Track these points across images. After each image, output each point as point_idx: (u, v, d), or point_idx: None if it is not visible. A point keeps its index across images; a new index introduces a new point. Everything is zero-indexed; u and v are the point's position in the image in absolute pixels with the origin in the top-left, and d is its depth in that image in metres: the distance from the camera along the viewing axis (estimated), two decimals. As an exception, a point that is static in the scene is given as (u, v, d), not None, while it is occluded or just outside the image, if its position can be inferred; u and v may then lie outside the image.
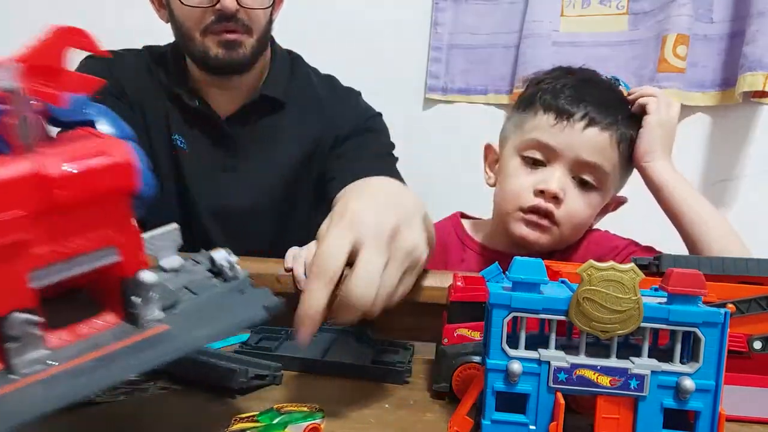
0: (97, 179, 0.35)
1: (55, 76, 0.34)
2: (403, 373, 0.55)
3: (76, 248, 0.36)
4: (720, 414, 0.40)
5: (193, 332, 0.38)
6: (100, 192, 0.35)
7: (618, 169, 0.84)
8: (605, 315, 0.40)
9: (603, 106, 0.81)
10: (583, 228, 0.87)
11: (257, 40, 0.95)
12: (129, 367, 0.35)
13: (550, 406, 0.41)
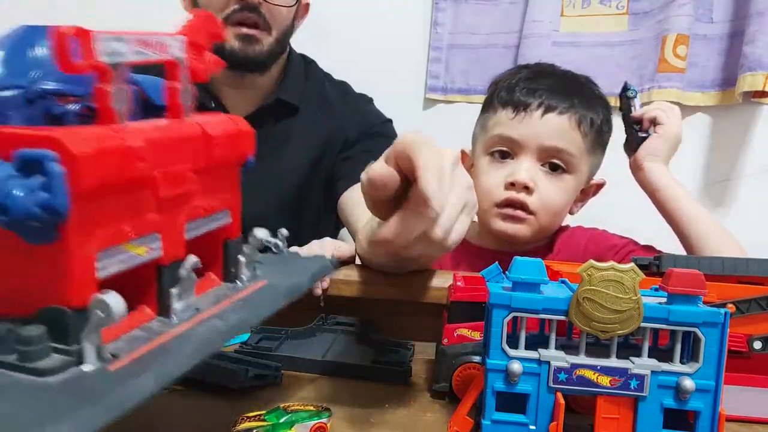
0: (235, 143, 0.40)
1: (199, 54, 0.38)
2: (403, 373, 0.55)
3: (211, 207, 0.39)
4: (720, 414, 0.40)
5: (286, 282, 0.41)
6: (234, 155, 0.40)
7: (585, 150, 0.84)
8: (605, 315, 0.40)
9: (558, 93, 0.83)
10: (562, 213, 0.88)
11: (276, 40, 0.95)
12: (262, 308, 0.38)
13: (550, 406, 0.41)
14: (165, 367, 0.31)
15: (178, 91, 0.37)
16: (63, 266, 0.29)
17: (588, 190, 0.91)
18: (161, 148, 0.33)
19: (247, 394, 0.50)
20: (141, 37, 0.33)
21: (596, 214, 0.95)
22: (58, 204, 0.27)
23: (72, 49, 0.29)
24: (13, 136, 0.28)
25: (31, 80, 0.32)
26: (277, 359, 0.56)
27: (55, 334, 0.29)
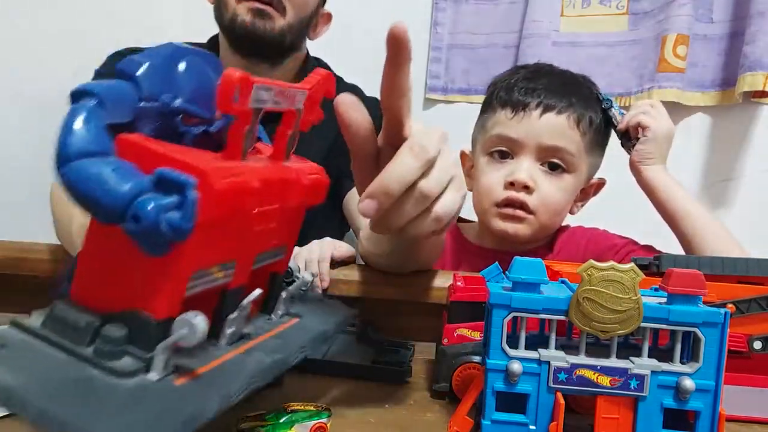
0: (315, 191, 0.42)
1: (311, 110, 0.41)
2: (403, 373, 0.55)
3: (276, 242, 0.41)
4: (720, 414, 0.40)
5: (317, 322, 0.44)
6: (312, 202, 0.42)
7: (584, 150, 0.84)
8: (605, 315, 0.40)
9: (556, 92, 0.83)
10: (562, 213, 0.88)
11: (288, 25, 0.95)
12: (299, 345, 0.40)
13: (550, 406, 0.41)
14: (225, 391, 0.33)
15: (288, 138, 0.40)
16: (163, 280, 0.31)
17: (588, 189, 0.91)
18: (266, 189, 0.36)
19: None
20: (281, 89, 0.36)
21: (596, 213, 0.95)
22: (185, 226, 0.29)
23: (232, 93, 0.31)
24: (163, 156, 0.31)
25: (169, 98, 0.34)
26: (277, 359, 0.56)
27: (133, 338, 0.31)
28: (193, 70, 0.36)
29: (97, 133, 0.30)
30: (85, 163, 0.29)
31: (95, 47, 1.39)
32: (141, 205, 0.29)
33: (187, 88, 0.35)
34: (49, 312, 0.31)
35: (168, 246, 0.30)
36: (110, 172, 0.29)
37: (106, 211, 0.29)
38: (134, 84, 0.33)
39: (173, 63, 0.35)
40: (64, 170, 0.29)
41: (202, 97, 0.36)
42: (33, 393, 0.28)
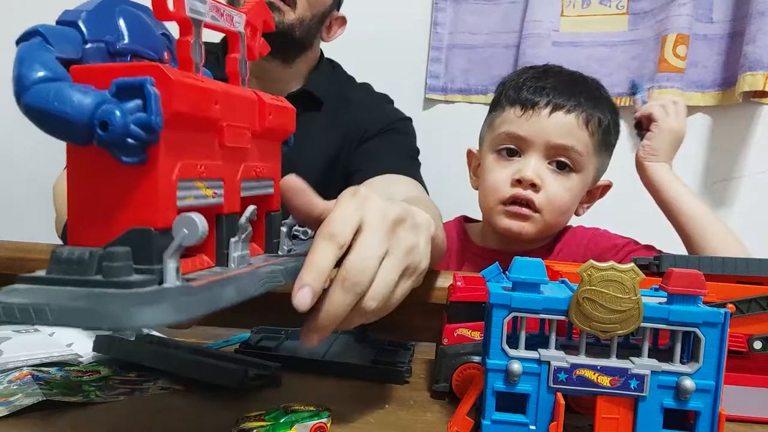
0: (282, 116, 0.44)
1: (254, 35, 0.43)
2: (403, 373, 0.55)
3: (261, 171, 0.43)
4: (720, 414, 0.40)
5: None
6: (280, 127, 0.44)
7: (592, 149, 0.84)
8: (605, 315, 0.40)
9: (565, 91, 0.83)
10: (568, 213, 0.88)
11: (298, 19, 0.95)
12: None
13: (550, 406, 0.41)
14: (242, 285, 0.34)
15: (237, 61, 0.41)
16: (150, 187, 0.32)
17: (594, 191, 0.91)
18: (228, 102, 0.37)
19: (247, 394, 0.50)
20: (215, 4, 0.37)
21: (597, 213, 0.95)
22: (153, 122, 0.30)
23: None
24: (113, 67, 0.32)
25: (114, 39, 0.36)
26: (277, 359, 0.56)
27: (138, 256, 0.31)
28: (130, 16, 0.37)
29: (49, 62, 0.32)
30: (44, 86, 0.31)
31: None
32: (107, 113, 0.30)
33: (129, 32, 0.36)
34: (51, 258, 0.32)
35: (143, 151, 0.31)
36: (69, 89, 0.30)
37: (73, 125, 0.30)
38: (76, 28, 0.34)
39: (110, 11, 0.36)
40: (25, 98, 0.31)
41: (145, 39, 0.37)
42: (50, 301, 0.28)
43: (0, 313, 0.28)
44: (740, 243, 0.81)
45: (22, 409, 0.43)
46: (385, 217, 0.41)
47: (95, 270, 0.31)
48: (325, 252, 0.38)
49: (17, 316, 0.28)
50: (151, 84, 0.31)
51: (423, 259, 0.44)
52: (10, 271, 0.80)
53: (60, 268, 0.31)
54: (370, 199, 0.41)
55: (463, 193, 0.99)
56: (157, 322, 0.28)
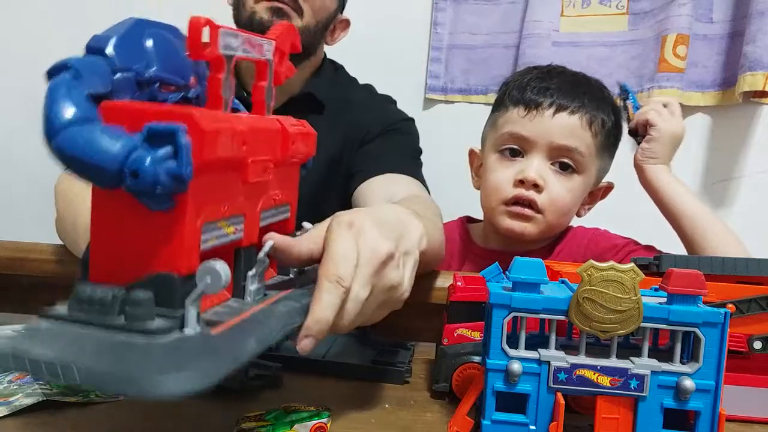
0: (304, 142, 0.44)
1: (281, 61, 0.42)
2: (403, 373, 0.55)
3: (280, 199, 0.43)
4: (720, 414, 0.40)
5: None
6: (302, 153, 0.44)
7: (594, 151, 0.84)
8: (605, 315, 0.40)
9: (569, 92, 0.83)
10: (570, 213, 0.88)
11: (305, 27, 0.95)
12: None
13: (550, 406, 0.41)
14: (262, 334, 0.34)
15: (264, 90, 0.41)
16: (176, 234, 0.32)
17: (596, 192, 0.91)
18: (254, 137, 0.37)
19: (247, 394, 0.50)
20: (248, 37, 0.37)
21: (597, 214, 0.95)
22: (184, 172, 0.30)
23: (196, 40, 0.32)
24: (145, 109, 0.31)
25: (142, 67, 0.35)
26: (277, 359, 0.56)
27: (160, 300, 0.31)
28: (158, 40, 0.36)
29: (80, 102, 0.31)
30: (74, 130, 0.30)
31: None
32: (137, 160, 0.29)
33: (157, 58, 0.36)
34: (73, 296, 0.32)
35: (171, 198, 0.31)
36: (100, 134, 0.30)
37: (103, 172, 0.30)
38: (105, 57, 0.33)
39: (139, 35, 0.35)
40: (55, 141, 0.30)
41: (173, 65, 0.36)
42: (76, 357, 0.28)
43: (27, 368, 0.28)
44: (740, 243, 0.81)
45: (22, 409, 0.43)
46: (374, 256, 0.41)
47: (117, 312, 0.31)
48: (331, 300, 0.39)
49: (44, 372, 0.28)
50: (183, 132, 0.30)
51: (405, 292, 0.45)
52: (10, 271, 0.80)
53: (82, 307, 0.31)
54: (364, 233, 0.41)
55: (463, 193, 0.99)
56: (184, 391, 0.28)
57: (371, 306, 0.42)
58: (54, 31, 1.40)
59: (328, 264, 0.39)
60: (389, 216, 0.47)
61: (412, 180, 0.90)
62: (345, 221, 0.42)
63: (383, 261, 0.41)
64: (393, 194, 0.83)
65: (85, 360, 0.28)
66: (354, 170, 0.98)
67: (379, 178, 0.90)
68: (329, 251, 0.40)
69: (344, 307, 0.40)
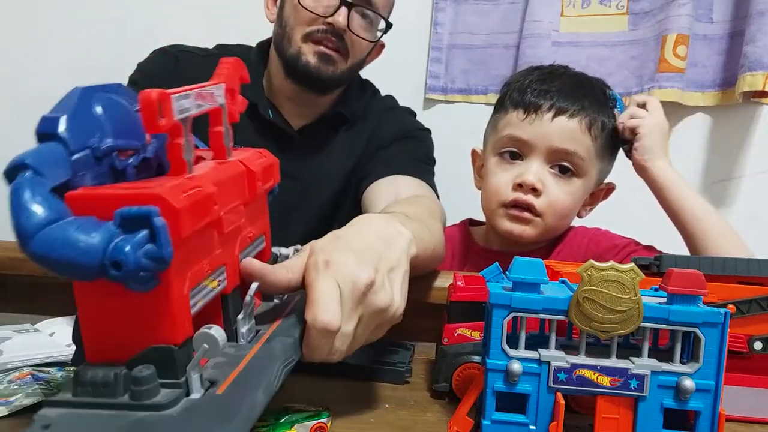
0: (269, 174, 0.44)
1: (233, 98, 0.42)
2: (403, 373, 0.55)
3: (254, 234, 0.43)
4: (720, 414, 0.40)
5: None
6: (267, 185, 0.44)
7: (594, 154, 0.84)
8: (605, 315, 0.40)
9: (569, 95, 0.83)
10: (569, 216, 0.88)
11: (348, 68, 0.96)
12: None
13: (550, 406, 0.41)
14: (266, 382, 0.35)
15: (222, 135, 0.41)
16: (166, 309, 0.32)
17: (597, 193, 0.91)
18: (223, 189, 0.37)
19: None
20: (199, 91, 0.37)
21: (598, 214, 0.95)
22: (164, 253, 0.30)
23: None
24: (113, 195, 0.31)
25: (97, 140, 0.34)
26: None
27: (162, 372, 0.32)
28: (107, 105, 0.36)
29: (46, 201, 0.30)
30: (47, 233, 0.29)
31: (92, 46, 1.39)
32: (117, 251, 0.29)
33: (109, 126, 0.35)
34: (75, 380, 0.32)
35: (155, 277, 0.31)
36: (75, 232, 0.29)
37: (85, 269, 0.29)
38: (59, 141, 0.32)
39: (87, 106, 0.35)
40: (31, 246, 0.29)
41: (126, 128, 0.36)
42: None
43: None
44: (744, 244, 0.81)
45: (22, 409, 0.43)
46: (355, 288, 0.41)
47: (122, 391, 0.32)
48: (320, 345, 0.41)
49: None
50: (157, 215, 0.30)
51: (398, 309, 0.45)
52: (10, 271, 0.80)
53: (86, 390, 0.32)
54: (341, 267, 0.42)
55: (464, 193, 0.99)
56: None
57: (364, 332, 0.43)
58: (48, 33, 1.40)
59: (313, 310, 0.40)
60: (368, 236, 0.47)
61: (417, 181, 0.90)
62: (321, 261, 0.42)
63: (364, 291, 0.42)
64: (397, 195, 0.83)
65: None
66: (365, 174, 0.98)
67: (385, 179, 0.91)
68: (311, 297, 0.41)
69: (334, 345, 0.41)
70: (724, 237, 0.81)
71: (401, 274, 0.46)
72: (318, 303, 0.40)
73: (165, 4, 1.40)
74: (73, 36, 1.40)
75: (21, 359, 0.53)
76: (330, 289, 0.40)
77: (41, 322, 0.66)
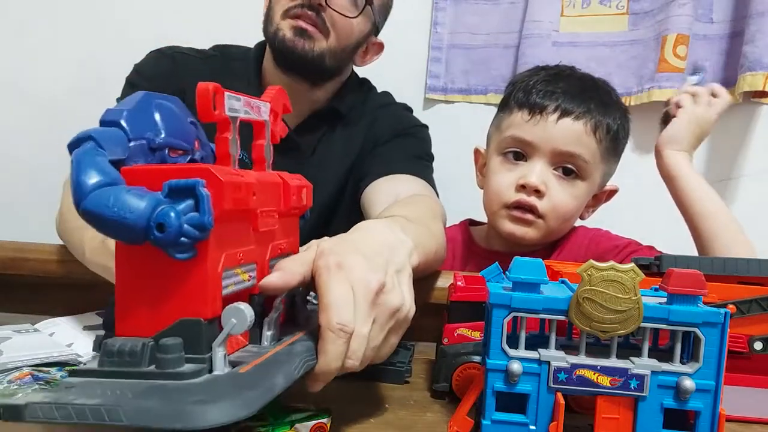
0: (302, 194, 0.47)
1: (276, 120, 0.45)
2: (403, 373, 0.55)
3: (282, 249, 0.45)
4: (720, 414, 0.40)
5: None
6: (301, 204, 0.47)
7: (599, 157, 0.84)
8: (605, 315, 0.40)
9: (575, 97, 0.82)
10: (572, 219, 0.88)
11: (330, 49, 0.95)
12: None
13: (550, 406, 0.41)
14: (287, 370, 0.36)
15: (264, 148, 0.44)
16: (200, 280, 0.34)
17: (600, 195, 0.91)
18: (261, 191, 0.40)
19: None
20: (247, 100, 0.40)
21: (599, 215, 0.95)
22: (206, 221, 0.33)
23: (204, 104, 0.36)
24: (164, 169, 0.35)
25: (153, 135, 0.38)
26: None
27: (187, 346, 0.33)
28: (164, 110, 0.40)
29: (104, 167, 0.34)
30: (101, 192, 0.32)
31: (94, 47, 1.39)
32: (163, 215, 0.32)
33: (164, 126, 0.39)
34: (102, 350, 0.33)
35: (194, 248, 0.33)
36: (126, 194, 0.32)
37: (131, 229, 0.32)
38: (120, 128, 0.37)
39: (147, 107, 0.39)
40: (84, 204, 0.32)
41: (178, 131, 0.40)
42: (119, 401, 0.30)
43: (72, 415, 0.29)
44: (750, 245, 0.80)
45: (22, 409, 0.43)
46: (368, 290, 0.42)
47: (148, 361, 0.33)
48: (336, 349, 0.40)
49: (89, 417, 0.29)
50: (202, 186, 0.33)
51: (410, 309, 0.46)
52: (10, 271, 0.80)
53: (112, 360, 0.33)
54: (353, 270, 0.42)
55: (464, 193, 0.99)
56: (228, 420, 0.30)
57: (378, 335, 0.43)
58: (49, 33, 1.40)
59: (328, 313, 0.40)
60: (374, 242, 0.47)
61: (416, 180, 0.90)
62: (333, 263, 0.42)
63: (377, 292, 0.42)
64: (397, 195, 0.83)
65: (129, 402, 0.30)
66: (363, 173, 0.98)
67: (384, 179, 0.90)
68: (326, 300, 0.40)
69: (351, 348, 0.41)
70: (730, 237, 0.80)
71: (407, 275, 0.47)
72: (333, 306, 0.40)
73: (166, 4, 1.40)
74: (74, 36, 1.40)
75: (21, 359, 0.53)
76: (345, 292, 0.41)
77: (41, 322, 0.66)
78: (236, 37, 1.11)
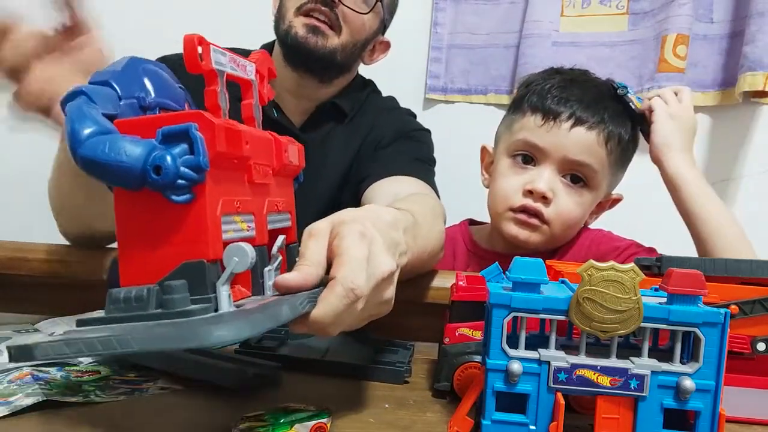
0: (295, 153, 0.47)
1: (262, 82, 0.46)
2: (403, 373, 0.55)
3: (280, 206, 0.46)
4: (720, 414, 0.40)
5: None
6: (293, 164, 0.47)
7: (608, 167, 0.83)
8: (605, 315, 0.40)
9: (589, 105, 0.81)
10: (576, 226, 0.87)
11: (341, 45, 0.95)
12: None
13: (550, 406, 0.41)
14: (292, 303, 0.36)
15: (252, 106, 0.44)
16: (200, 222, 0.35)
17: (604, 203, 0.90)
18: (254, 142, 0.40)
19: (247, 394, 0.50)
20: (232, 56, 0.41)
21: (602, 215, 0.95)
22: (201, 162, 0.34)
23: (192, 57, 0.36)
24: (156, 118, 0.36)
25: (143, 95, 0.39)
26: (277, 359, 0.56)
27: (193, 288, 0.34)
28: (152, 73, 0.41)
29: (97, 118, 0.34)
30: (97, 140, 0.33)
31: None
32: (159, 158, 0.33)
33: (154, 87, 0.40)
34: (108, 300, 0.34)
35: (191, 190, 0.34)
36: (121, 140, 0.33)
37: (128, 173, 0.33)
38: (111, 87, 0.38)
39: (134, 70, 0.40)
40: (81, 150, 0.33)
41: (168, 93, 0.41)
42: (130, 331, 0.30)
43: (82, 348, 0.30)
44: (751, 248, 0.80)
45: (22, 409, 0.43)
46: (379, 272, 0.41)
47: (155, 305, 0.33)
48: (338, 304, 0.39)
49: (99, 347, 0.30)
50: (195, 129, 0.34)
51: (390, 307, 0.46)
52: (9, 271, 0.80)
53: (119, 307, 0.33)
54: (375, 245, 0.41)
55: (464, 194, 0.99)
56: (235, 338, 0.31)
57: (361, 316, 0.42)
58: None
59: (345, 268, 0.39)
60: (390, 228, 0.46)
61: (418, 181, 0.90)
62: (357, 231, 0.41)
63: (385, 278, 0.42)
64: (397, 195, 0.83)
65: (139, 331, 0.30)
66: (364, 175, 0.99)
67: (385, 180, 0.91)
68: (345, 257, 0.40)
69: (344, 312, 0.40)
70: (730, 243, 0.79)
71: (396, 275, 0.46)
72: (353, 261, 0.39)
73: (166, 5, 1.40)
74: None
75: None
76: (364, 256, 0.40)
77: (41, 322, 0.66)
78: (237, 37, 1.11)
